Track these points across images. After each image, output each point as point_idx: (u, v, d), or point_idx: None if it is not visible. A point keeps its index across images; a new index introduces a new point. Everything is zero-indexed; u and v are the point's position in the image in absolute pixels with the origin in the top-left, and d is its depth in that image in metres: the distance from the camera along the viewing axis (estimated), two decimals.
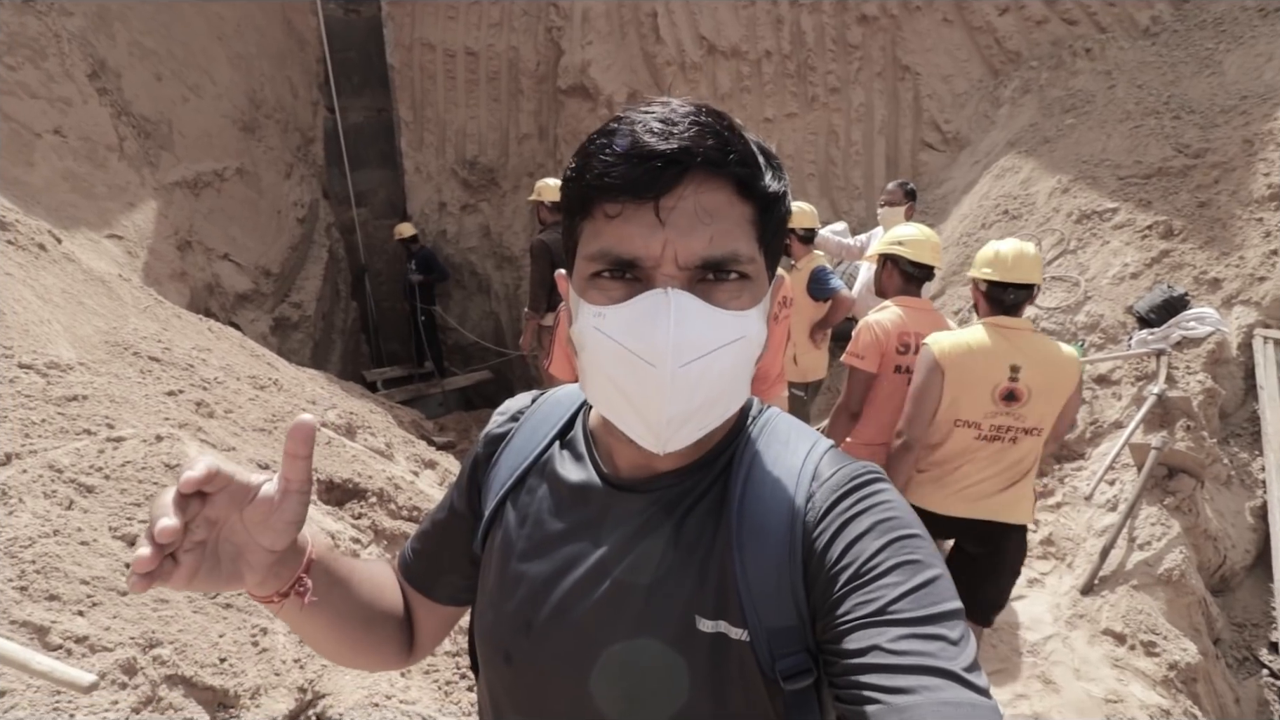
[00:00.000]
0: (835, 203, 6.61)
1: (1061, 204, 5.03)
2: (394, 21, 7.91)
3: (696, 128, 0.58)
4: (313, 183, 7.45)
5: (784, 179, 0.65)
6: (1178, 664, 2.88)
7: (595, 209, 0.61)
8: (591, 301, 0.62)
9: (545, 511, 0.73)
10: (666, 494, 0.68)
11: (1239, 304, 4.11)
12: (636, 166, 0.57)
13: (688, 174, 0.58)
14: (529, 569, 0.72)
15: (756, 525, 0.64)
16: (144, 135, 5.15)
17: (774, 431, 0.71)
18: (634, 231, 0.59)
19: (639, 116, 0.59)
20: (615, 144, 0.58)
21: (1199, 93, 5.16)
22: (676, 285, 0.59)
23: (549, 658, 0.69)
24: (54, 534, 1.62)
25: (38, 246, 3.07)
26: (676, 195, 0.58)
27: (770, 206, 0.63)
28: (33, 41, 4.44)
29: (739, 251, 0.60)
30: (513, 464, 0.78)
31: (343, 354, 7.42)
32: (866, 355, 2.59)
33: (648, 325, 0.58)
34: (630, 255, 0.59)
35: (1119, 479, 3.61)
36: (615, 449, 0.71)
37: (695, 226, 0.58)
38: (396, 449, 3.38)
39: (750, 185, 0.61)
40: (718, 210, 0.59)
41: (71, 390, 2.13)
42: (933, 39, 6.54)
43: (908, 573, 0.56)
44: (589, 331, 0.62)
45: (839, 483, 0.64)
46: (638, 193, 0.57)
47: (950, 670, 0.51)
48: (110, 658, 1.45)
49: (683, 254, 0.58)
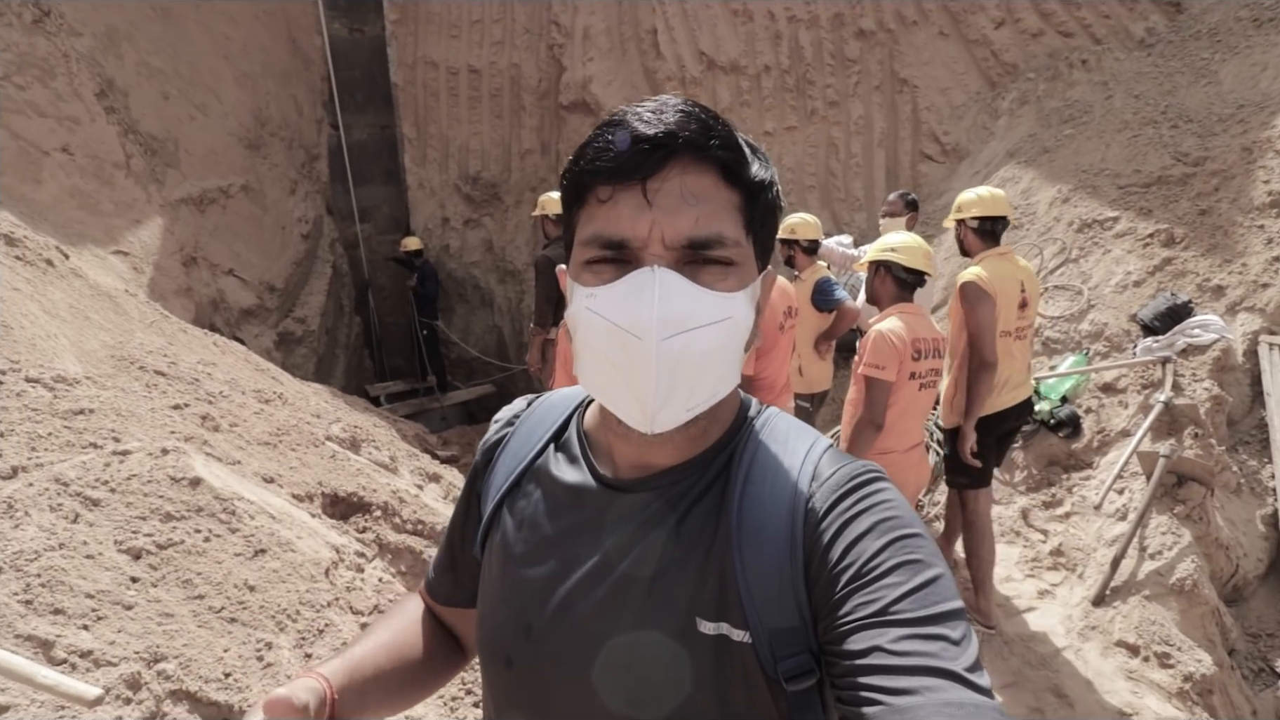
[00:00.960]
0: (836, 214, 6.64)
1: (1062, 213, 5.05)
2: (398, 40, 8.02)
3: (682, 115, 0.61)
4: (317, 199, 7.51)
5: (770, 169, 0.66)
6: (1193, 675, 2.84)
7: (589, 195, 0.63)
8: (585, 284, 0.64)
9: (541, 514, 0.74)
10: (666, 491, 0.68)
11: (1243, 310, 4.10)
12: (625, 150, 0.60)
13: (673, 157, 0.60)
14: (527, 572, 0.72)
15: (756, 526, 0.64)
16: (151, 153, 5.20)
17: (773, 431, 0.71)
18: (623, 213, 0.61)
19: (633, 109, 0.62)
20: (608, 133, 0.61)
21: (1196, 102, 5.19)
22: (663, 264, 0.61)
23: (550, 660, 0.69)
24: (59, 547, 1.61)
25: (45, 262, 3.08)
26: (662, 177, 0.60)
27: (757, 194, 0.64)
28: (42, 61, 4.50)
29: (724, 233, 0.62)
30: (508, 468, 0.79)
31: (346, 368, 7.42)
32: (887, 365, 2.57)
33: (634, 300, 0.60)
34: (619, 236, 0.61)
35: (1128, 488, 3.58)
36: (614, 447, 0.72)
37: (681, 207, 0.60)
38: (401, 463, 3.37)
39: (735, 171, 0.62)
40: (703, 193, 0.61)
41: (78, 404, 2.12)
42: (930, 52, 6.60)
43: (909, 572, 0.56)
44: (581, 312, 0.63)
45: (839, 482, 0.64)
46: (625, 175, 0.60)
47: (952, 670, 0.51)
48: (115, 672, 1.43)
49: (669, 233, 0.60)
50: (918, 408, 2.71)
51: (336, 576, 2.10)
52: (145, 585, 1.66)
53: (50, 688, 1.07)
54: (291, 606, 1.85)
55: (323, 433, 3.05)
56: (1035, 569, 3.52)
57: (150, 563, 1.72)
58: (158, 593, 1.66)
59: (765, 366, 2.88)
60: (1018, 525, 3.80)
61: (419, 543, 2.56)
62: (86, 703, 1.07)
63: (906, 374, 2.61)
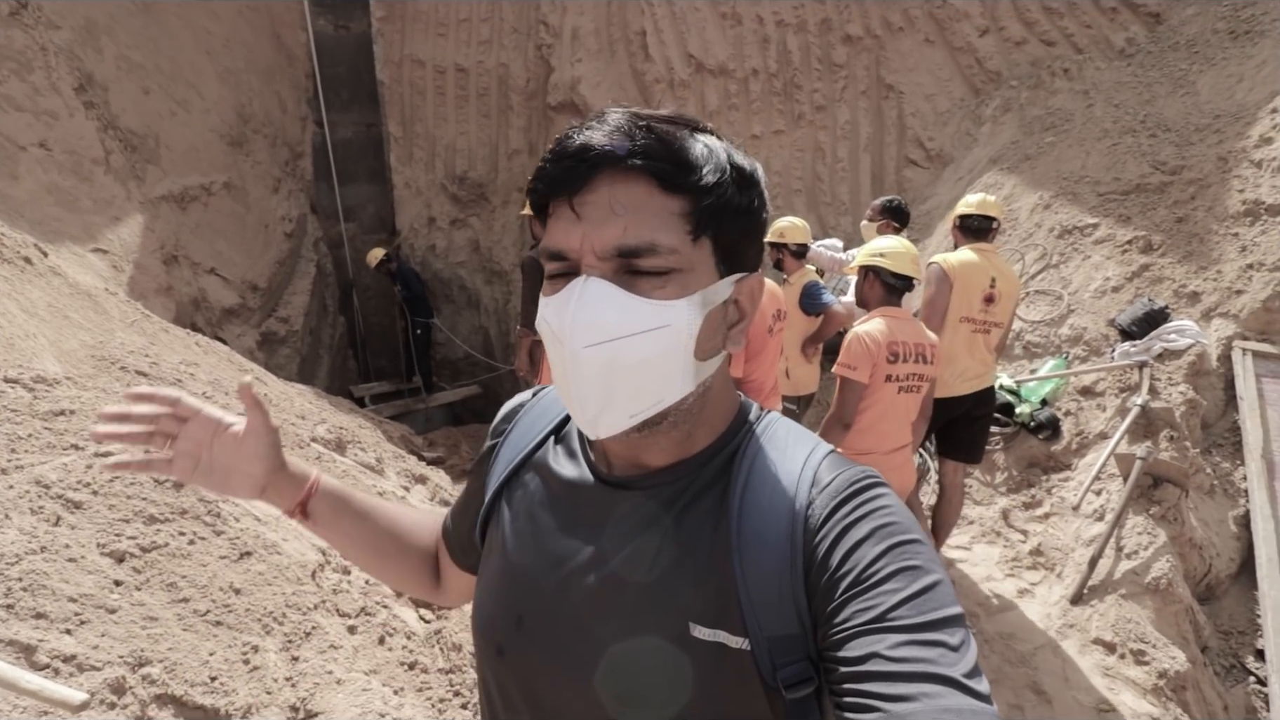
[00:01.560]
0: (822, 218, 6.70)
1: (1044, 219, 5.14)
2: (384, 38, 7.96)
3: (612, 128, 0.61)
4: (301, 197, 7.42)
5: (724, 170, 0.63)
6: (1167, 672, 2.90)
7: (547, 209, 0.66)
8: (544, 294, 0.66)
9: (538, 506, 0.75)
10: (662, 491, 0.68)
11: (1217, 316, 4.20)
12: (557, 166, 0.62)
13: (599, 171, 0.61)
14: (521, 562, 0.73)
15: (756, 532, 0.64)
16: (130, 149, 5.12)
17: (773, 436, 0.71)
18: (562, 226, 0.63)
19: (581, 124, 0.63)
20: (553, 149, 0.63)
21: (1174, 112, 5.31)
22: (596, 274, 0.62)
23: (540, 651, 0.69)
24: (41, 550, 1.59)
25: (23, 260, 3.03)
26: (590, 190, 0.61)
27: (703, 197, 0.61)
28: (19, 54, 4.42)
29: (656, 241, 0.60)
30: (508, 458, 0.80)
31: (330, 369, 7.35)
32: (859, 366, 2.63)
33: (563, 306, 0.62)
34: (557, 248, 0.63)
35: (1105, 489, 3.65)
36: (606, 442, 0.71)
37: (609, 218, 0.61)
38: (387, 464, 3.35)
39: (670, 179, 0.61)
40: (634, 203, 0.61)
41: (58, 405, 2.09)
42: (915, 59, 6.68)
43: (907, 579, 0.56)
44: (540, 322, 0.66)
45: (838, 488, 0.64)
46: (556, 190, 0.62)
47: (950, 677, 0.51)
48: (99, 677, 1.41)
49: (598, 244, 0.61)
50: (897, 411, 2.73)
51: (323, 579, 2.08)
52: (129, 588, 1.64)
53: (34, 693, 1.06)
54: (278, 609, 1.84)
55: (308, 434, 3.02)
56: (1015, 568, 3.58)
57: (134, 566, 1.70)
58: (142, 596, 1.65)
59: (754, 369, 2.90)
60: (998, 525, 3.86)
61: None
62: (72, 708, 1.06)
63: (882, 376, 2.64)
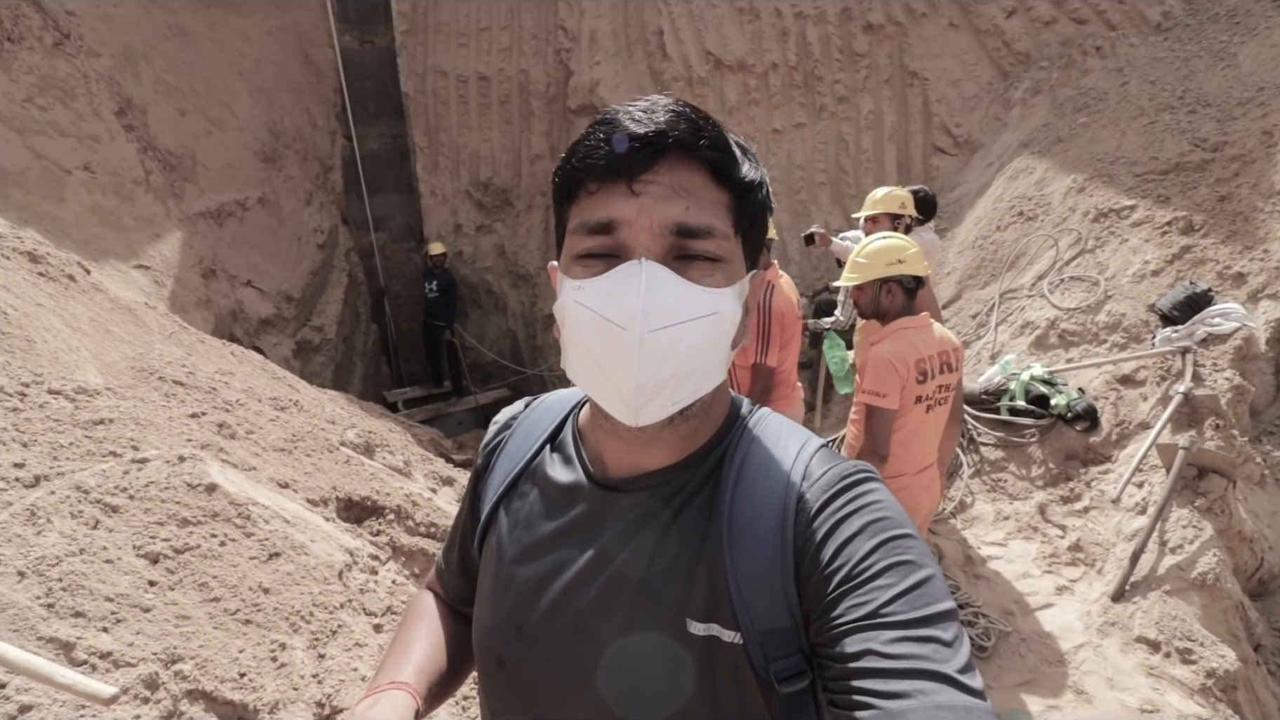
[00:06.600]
0: (848, 210, 6.60)
1: (1078, 203, 4.97)
2: (407, 50, 8.12)
3: (672, 114, 0.61)
4: (332, 209, 7.63)
5: (760, 170, 0.67)
6: (1216, 671, 2.78)
7: (579, 189, 0.64)
8: (574, 277, 0.64)
9: (536, 514, 0.74)
10: (658, 491, 0.68)
11: (1265, 298, 4.01)
12: (616, 149, 0.60)
13: (663, 155, 0.60)
14: (520, 572, 0.72)
15: (747, 526, 0.64)
16: (169, 168, 5.33)
17: (765, 430, 0.71)
18: (615, 200, 0.61)
19: (624, 108, 0.63)
20: (599, 131, 0.62)
21: (1214, 86, 5.08)
22: (651, 257, 0.61)
23: (540, 661, 0.69)
24: (80, 553, 1.66)
25: (67, 278, 3.18)
26: (652, 174, 0.61)
27: (746, 194, 0.64)
28: (63, 83, 4.64)
29: (714, 225, 0.62)
30: (505, 469, 0.80)
31: (364, 375, 7.53)
32: (888, 393, 2.39)
33: (621, 291, 0.60)
34: (609, 218, 0.61)
35: (1147, 481, 3.51)
36: (605, 446, 0.72)
37: (671, 197, 0.61)
38: (414, 466, 3.42)
39: (724, 170, 0.63)
40: (693, 189, 0.62)
41: (98, 414, 2.19)
42: (939, 44, 6.54)
43: (900, 574, 0.56)
44: (569, 305, 0.64)
45: (830, 482, 0.63)
46: (615, 172, 0.61)
47: (944, 673, 0.51)
48: (133, 673, 1.48)
49: (658, 218, 0.60)
50: (926, 429, 2.55)
51: (350, 579, 2.14)
52: (163, 588, 1.71)
53: (68, 686, 1.12)
54: (305, 608, 1.89)
55: (337, 438, 3.10)
56: (1053, 565, 3.47)
57: (167, 566, 1.77)
58: (175, 595, 1.71)
59: (785, 358, 2.83)
60: (1035, 521, 3.75)
61: (432, 545, 2.60)
62: (102, 701, 1.11)
63: (911, 398, 2.44)
